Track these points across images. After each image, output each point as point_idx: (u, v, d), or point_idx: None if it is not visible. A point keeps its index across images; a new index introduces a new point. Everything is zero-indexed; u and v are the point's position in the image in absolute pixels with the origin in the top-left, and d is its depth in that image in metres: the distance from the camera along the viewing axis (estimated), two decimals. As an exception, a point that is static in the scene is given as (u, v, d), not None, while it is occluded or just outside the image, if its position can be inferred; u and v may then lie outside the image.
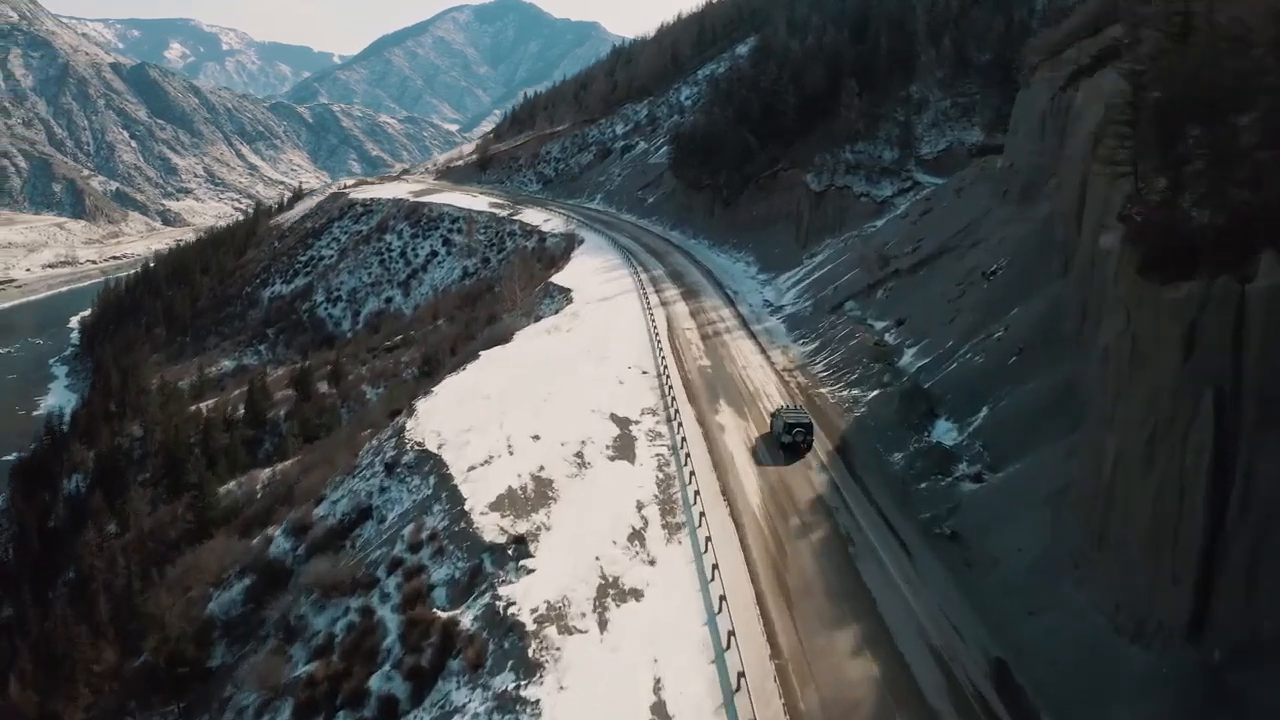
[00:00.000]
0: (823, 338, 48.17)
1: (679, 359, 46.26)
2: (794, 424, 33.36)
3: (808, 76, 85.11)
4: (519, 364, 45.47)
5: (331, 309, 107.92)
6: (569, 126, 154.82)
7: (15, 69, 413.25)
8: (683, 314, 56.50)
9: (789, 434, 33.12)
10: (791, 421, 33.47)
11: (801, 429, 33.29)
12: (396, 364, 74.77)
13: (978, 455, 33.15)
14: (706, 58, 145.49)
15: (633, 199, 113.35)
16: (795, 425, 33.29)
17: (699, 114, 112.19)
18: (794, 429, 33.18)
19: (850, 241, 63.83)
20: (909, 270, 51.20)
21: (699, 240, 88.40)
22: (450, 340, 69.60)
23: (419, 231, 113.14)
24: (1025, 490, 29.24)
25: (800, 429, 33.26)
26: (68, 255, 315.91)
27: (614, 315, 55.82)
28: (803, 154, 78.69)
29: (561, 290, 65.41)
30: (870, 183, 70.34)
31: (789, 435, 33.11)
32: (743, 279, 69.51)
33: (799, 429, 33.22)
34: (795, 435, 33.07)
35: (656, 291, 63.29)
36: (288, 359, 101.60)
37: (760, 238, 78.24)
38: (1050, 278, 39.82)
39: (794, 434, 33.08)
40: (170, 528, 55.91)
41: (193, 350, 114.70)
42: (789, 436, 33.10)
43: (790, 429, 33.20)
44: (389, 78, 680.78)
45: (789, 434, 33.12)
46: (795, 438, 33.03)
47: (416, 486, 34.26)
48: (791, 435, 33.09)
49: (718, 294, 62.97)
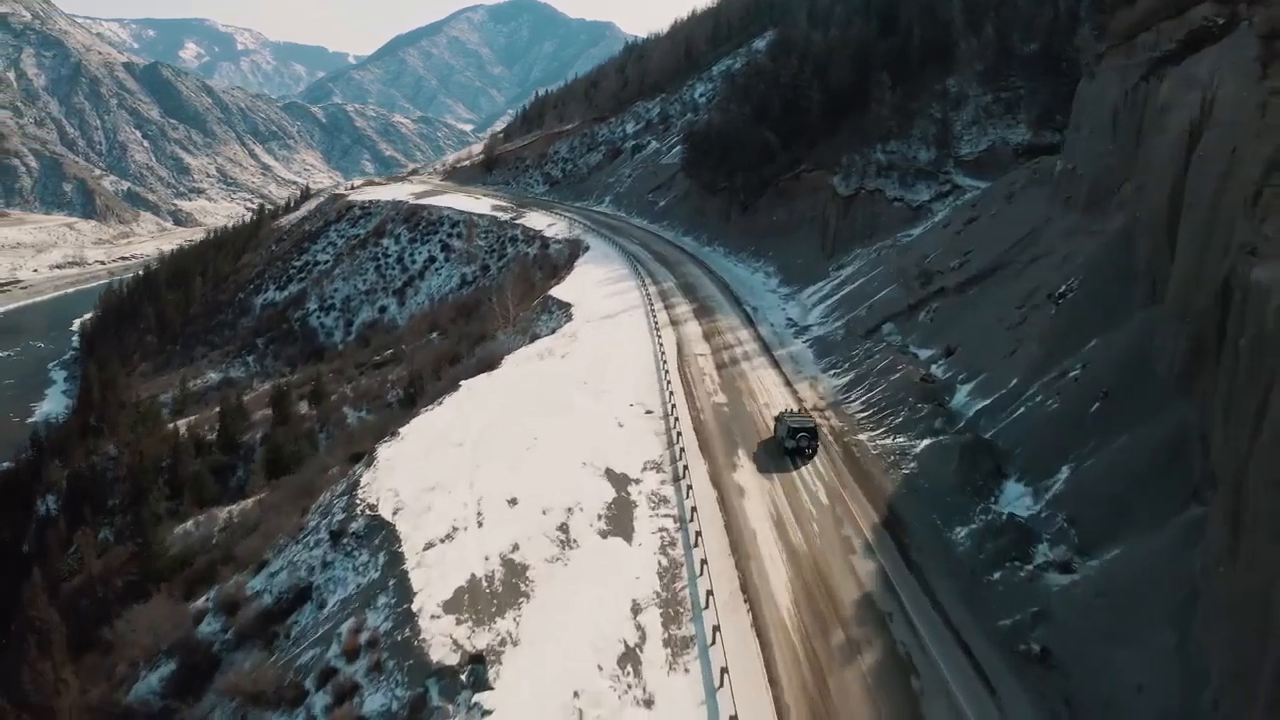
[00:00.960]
0: (858, 368, 41.35)
1: (690, 393, 39.61)
2: (798, 429, 32.34)
3: (833, 70, 78.17)
4: (503, 397, 38.99)
5: (324, 318, 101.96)
6: (578, 125, 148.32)
7: (28, 68, 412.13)
8: (695, 335, 49.82)
9: (793, 439, 32.18)
10: (795, 426, 32.43)
11: (806, 434, 32.27)
12: (383, 383, 68.51)
13: (1062, 532, 26.42)
14: (722, 53, 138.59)
15: (643, 202, 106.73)
16: (799, 430, 32.29)
17: (714, 111, 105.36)
18: (798, 434, 32.22)
19: (884, 252, 56.97)
20: (956, 289, 44.34)
21: (713, 248, 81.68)
22: (439, 358, 63.29)
23: (417, 236, 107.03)
24: (1134, 592, 22.47)
25: (804, 434, 32.25)
26: (76, 256, 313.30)
27: (617, 337, 49.25)
28: (828, 154, 71.81)
29: (561, 305, 58.93)
30: (904, 186, 63.42)
31: (793, 440, 32.16)
32: (762, 293, 62.74)
33: (803, 434, 32.24)
34: (800, 440, 32.19)
35: (666, 307, 56.67)
36: (275, 371, 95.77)
37: (781, 246, 71.46)
38: (1132, 304, 32.99)
39: (798, 439, 32.18)
40: (119, 573, 49.86)
41: (181, 360, 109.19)
42: (793, 441, 32.16)
43: (794, 434, 32.23)
44: (403, 78, 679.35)
45: (793, 439, 32.18)
46: (799, 443, 32.16)
47: (364, 565, 27.79)
48: (795, 440, 32.16)
49: (734, 311, 56.26)
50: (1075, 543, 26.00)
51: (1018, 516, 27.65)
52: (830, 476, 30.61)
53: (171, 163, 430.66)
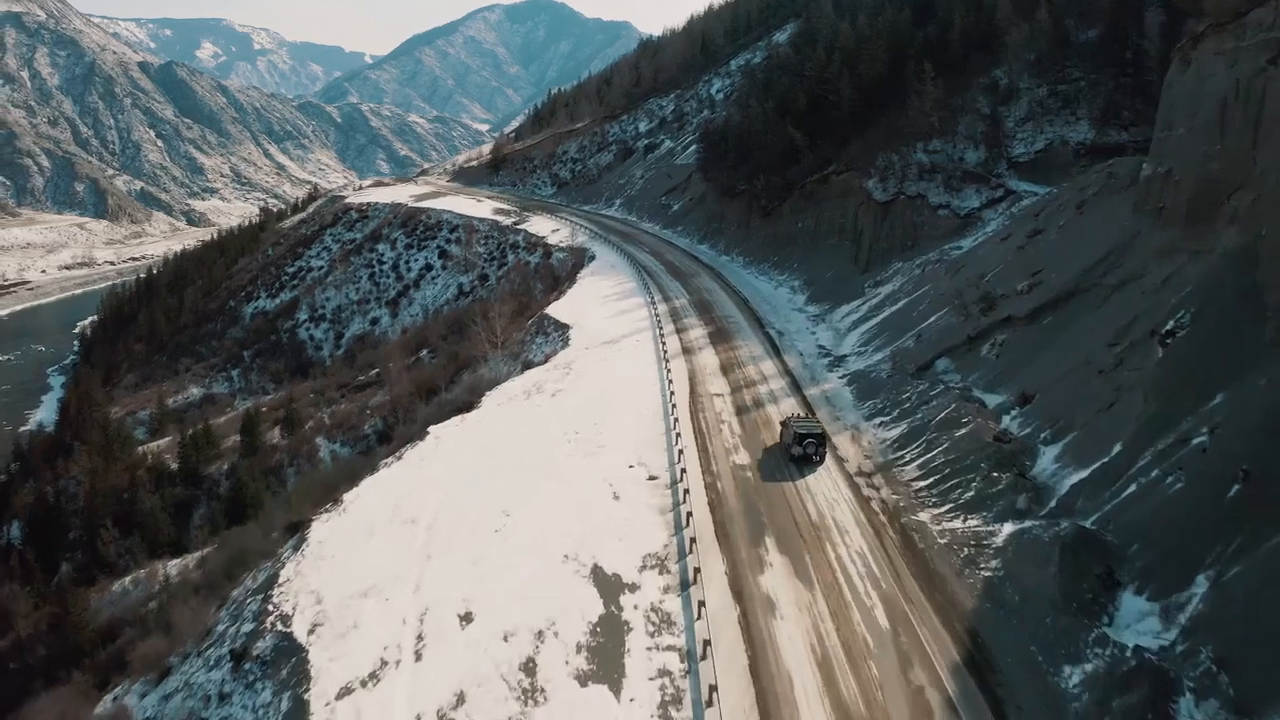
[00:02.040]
0: (911, 418, 33.84)
1: (704, 449, 32.28)
2: (805, 434, 31.25)
3: (865, 61, 70.44)
4: (476, 452, 31.90)
5: (314, 330, 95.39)
6: (588, 123, 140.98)
7: (41, 67, 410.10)
8: (710, 367, 42.44)
9: (799, 445, 31.14)
10: (803, 432, 31.32)
11: (814, 440, 31.18)
12: (362, 410, 61.67)
13: (1209, 680, 19.12)
14: (740, 46, 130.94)
15: (655, 206, 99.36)
16: (807, 436, 31.22)
17: (732, 108, 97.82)
18: (805, 440, 31.15)
19: (929, 268, 49.42)
20: (1027, 318, 36.71)
21: (732, 257, 74.22)
22: (420, 386, 56.34)
23: (414, 241, 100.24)
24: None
25: (812, 440, 31.18)
26: (85, 256, 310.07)
27: (619, 369, 42.00)
28: (860, 155, 64.20)
29: (558, 326, 51.76)
30: (950, 191, 55.78)
31: (799, 447, 31.12)
32: (787, 311, 55.28)
33: (810, 440, 31.17)
34: (806, 447, 31.10)
35: (677, 330, 49.34)
36: (259, 387, 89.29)
37: (808, 257, 63.99)
38: (1264, 347, 25.55)
39: (805, 445, 31.11)
40: (40, 643, 43.20)
41: (165, 372, 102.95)
42: (799, 449, 31.12)
43: (801, 440, 31.16)
44: (419, 77, 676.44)
45: (799, 445, 31.14)
46: (806, 449, 31.09)
47: (263, 709, 20.75)
48: (803, 447, 31.10)
49: (756, 334, 48.83)
50: (1230, 697, 18.67)
51: (1146, 651, 20.19)
52: (889, 581, 23.21)
53: (185, 162, 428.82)
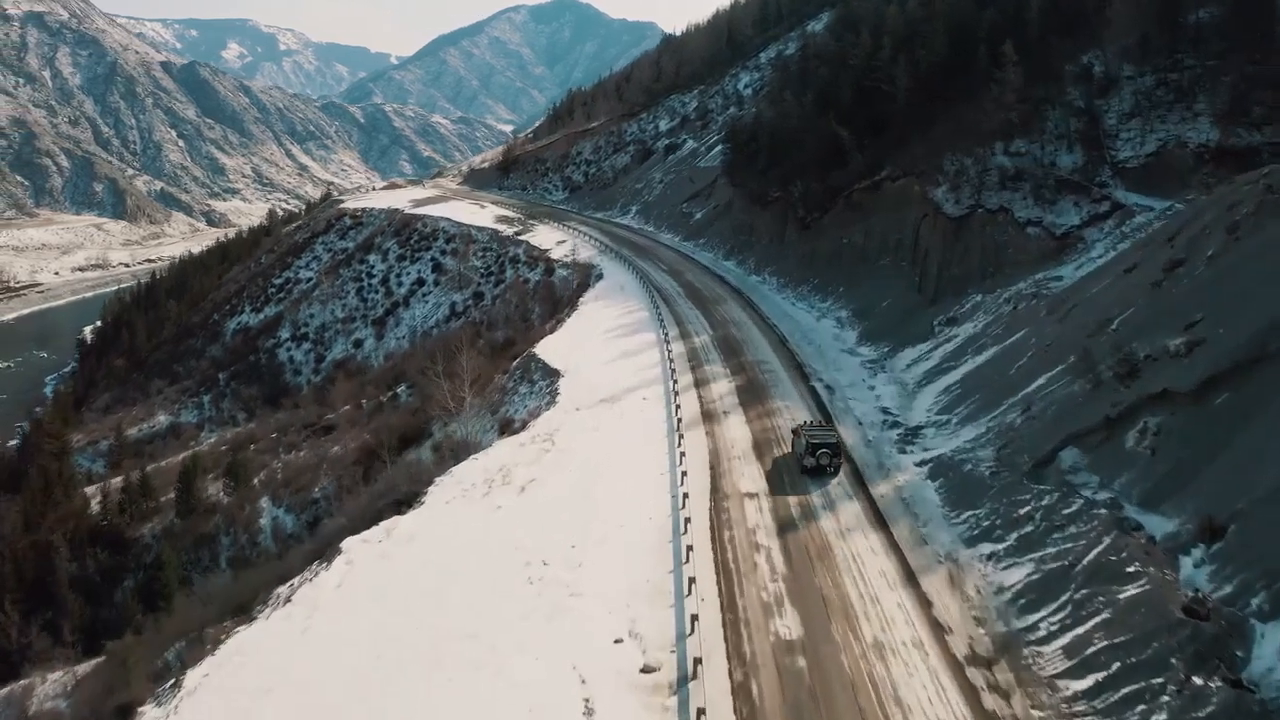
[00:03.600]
0: (1036, 549, 22.84)
1: (731, 607, 21.37)
2: (819, 444, 28.79)
3: (925, 44, 59.30)
4: (393, 604, 21.48)
5: (294, 350, 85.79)
6: (604, 122, 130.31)
7: (63, 67, 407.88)
8: (739, 445, 31.64)
9: (812, 456, 28.65)
10: (816, 441, 28.86)
11: (827, 450, 28.75)
12: (319, 465, 51.55)
13: None
14: (770, 38, 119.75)
15: (675, 214, 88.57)
16: (820, 446, 28.76)
17: (763, 103, 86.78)
18: (819, 450, 28.68)
19: (1023, 305, 38.32)
20: (1192, 395, 25.54)
21: (763, 277, 63.31)
22: (393, 432, 46.16)
23: (408, 252, 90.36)
24: None
25: (826, 450, 28.73)
26: (99, 258, 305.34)
27: (615, 446, 31.36)
28: (922, 156, 53.06)
29: (547, 373, 41.28)
30: (1041, 203, 44.54)
31: (812, 458, 28.64)
32: (835, 353, 44.30)
33: (824, 450, 28.72)
34: (820, 458, 28.65)
35: (696, 383, 38.60)
36: (230, 417, 79.77)
37: (857, 280, 53.03)
38: None
39: (818, 456, 28.63)
40: None
41: (138, 393, 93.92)
42: (812, 460, 28.65)
43: (814, 450, 28.69)
44: (444, 78, 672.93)
45: (812, 456, 28.65)
46: (820, 460, 28.65)
47: None
48: (816, 458, 28.63)
49: (798, 389, 37.93)
50: None
51: None
52: None
53: (207, 162, 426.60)
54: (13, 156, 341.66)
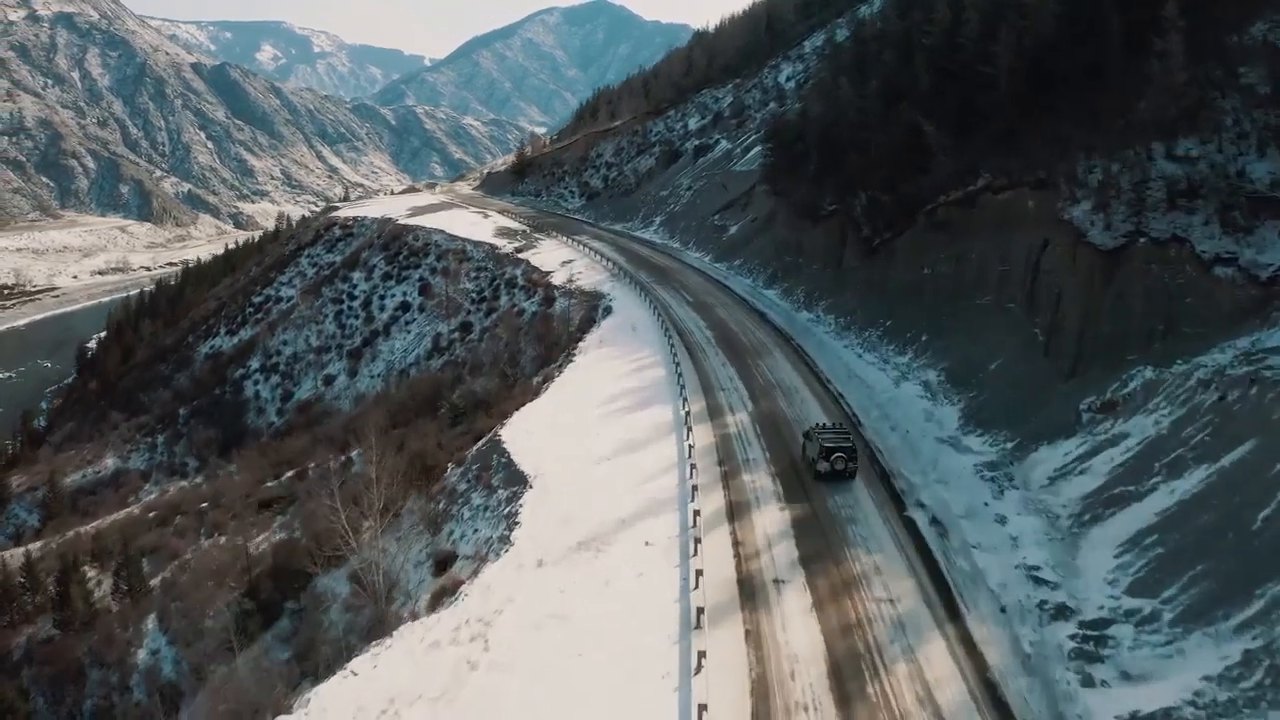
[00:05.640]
0: None
1: None
2: (834, 448, 25.93)
3: (1027, 12, 45.15)
4: None
5: (261, 385, 73.95)
6: (627, 121, 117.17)
7: (92, 68, 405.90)
8: (805, 663, 18.06)
9: (827, 460, 25.87)
10: (831, 445, 25.98)
11: (843, 454, 25.90)
12: (236, 558, 38.85)
13: None
14: (816, 24, 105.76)
15: (706, 228, 75.16)
16: (835, 450, 25.90)
17: (811, 96, 72.89)
18: (833, 454, 25.84)
19: (1235, 395, 24.36)
20: None
21: (817, 314, 49.61)
22: (332, 533, 33.41)
23: (394, 270, 78.22)
24: None
25: (841, 454, 25.88)
26: (120, 261, 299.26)
27: (587, 668, 18.10)
28: (1038, 159, 39.07)
29: (510, 476, 28.13)
30: (1231, 231, 30.43)
31: (826, 462, 25.87)
32: (930, 443, 30.43)
33: (839, 454, 25.86)
34: (835, 462, 25.89)
35: (731, 511, 25.10)
36: (180, 465, 67.98)
37: (947, 325, 39.20)
38: None
39: (833, 460, 25.89)
40: None
41: (96, 427, 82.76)
42: (826, 464, 25.89)
43: (829, 454, 25.84)
44: (476, 80, 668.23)
45: (827, 460, 25.87)
46: (835, 465, 25.90)
47: None
48: (830, 462, 25.88)
49: (889, 526, 24.15)
50: None
51: None
52: None
53: (235, 164, 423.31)
54: (39, 157, 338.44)
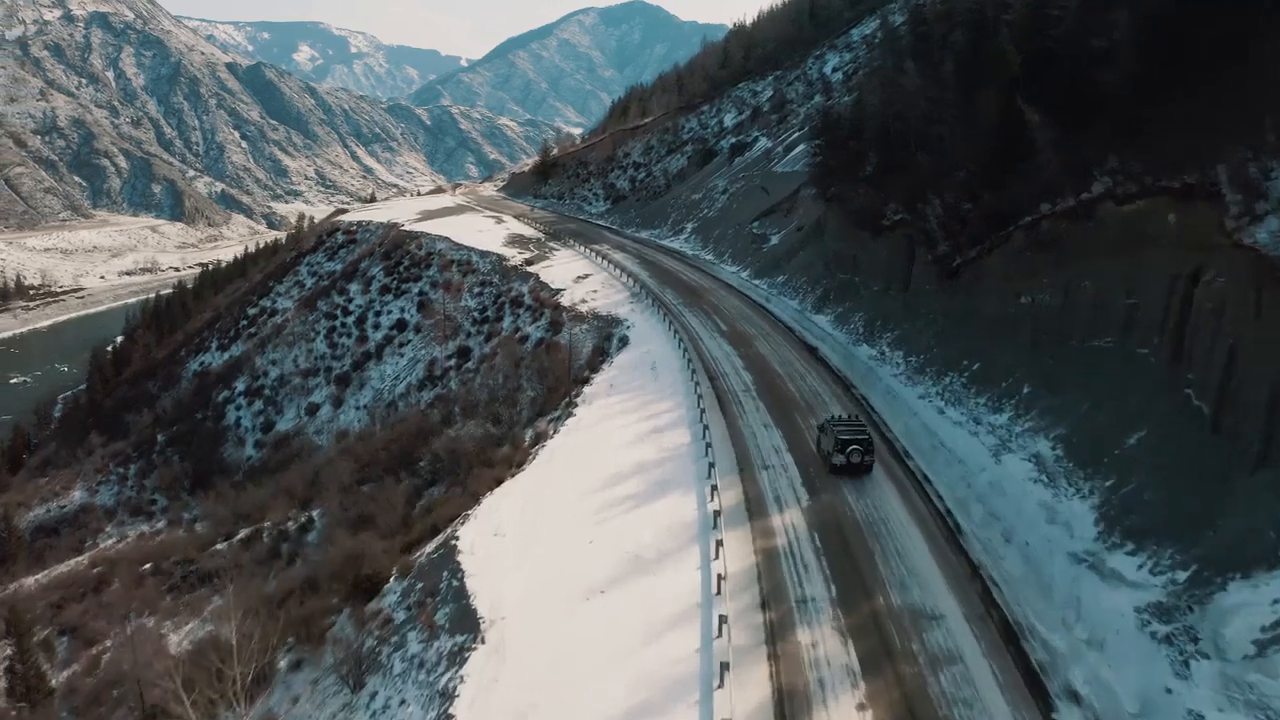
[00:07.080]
0: None
1: None
2: (849, 440, 25.19)
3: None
4: None
5: (244, 411, 66.45)
6: (658, 117, 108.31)
7: (127, 68, 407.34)
8: None
9: (842, 453, 25.06)
10: (846, 437, 25.21)
11: (859, 446, 25.18)
12: (146, 665, 30.72)
13: None
14: (864, 10, 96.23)
15: (743, 237, 66.04)
16: (851, 442, 25.15)
17: (866, 84, 63.28)
18: (849, 447, 25.08)
19: None
20: None
21: (881, 350, 40.25)
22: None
23: (393, 282, 70.37)
24: None
25: (858, 447, 25.15)
26: (149, 261, 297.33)
27: None
28: (1172, 158, 29.51)
29: (460, 621, 19.46)
30: None
31: (842, 455, 25.09)
32: (1059, 562, 21.28)
33: (856, 447, 25.11)
34: (851, 455, 25.16)
35: (781, 690, 16.39)
36: (146, 504, 60.50)
37: (1053, 375, 29.78)
38: None
39: (848, 453, 25.12)
40: None
41: (72, 451, 75.88)
42: (842, 457, 25.09)
43: (844, 446, 25.03)
44: (513, 80, 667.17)
45: (842, 453, 25.06)
46: (851, 458, 25.14)
47: None
48: (846, 455, 25.12)
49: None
50: None
51: None
52: None
53: (269, 164, 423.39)
54: (71, 157, 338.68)
